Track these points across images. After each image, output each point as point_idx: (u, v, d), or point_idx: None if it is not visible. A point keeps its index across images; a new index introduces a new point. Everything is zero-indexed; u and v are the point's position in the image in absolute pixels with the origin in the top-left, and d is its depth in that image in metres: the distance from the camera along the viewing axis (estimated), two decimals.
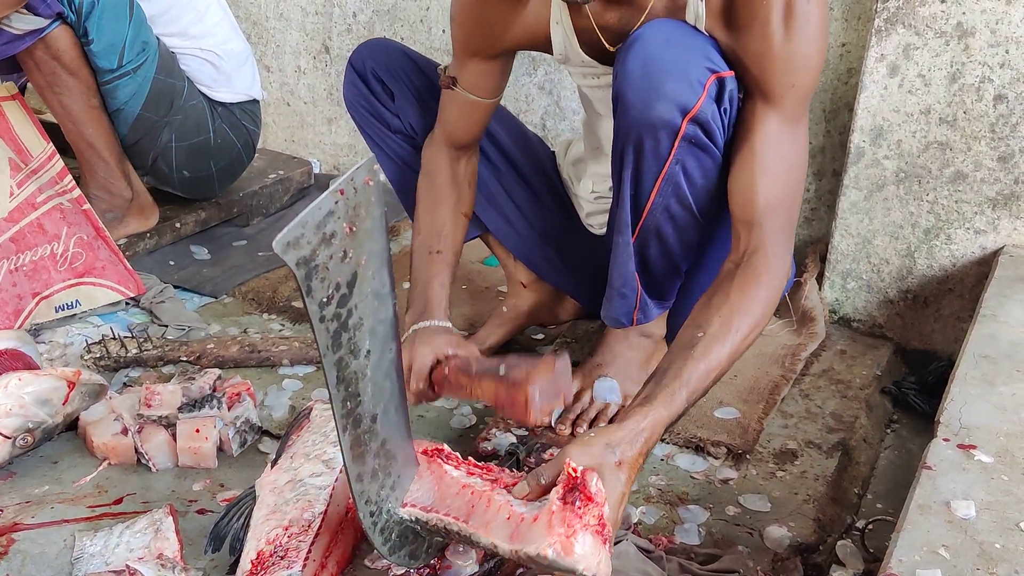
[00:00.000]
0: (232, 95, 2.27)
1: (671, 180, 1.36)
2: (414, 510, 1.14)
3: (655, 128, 1.31)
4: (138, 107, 2.10)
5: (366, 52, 1.69)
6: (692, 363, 1.20)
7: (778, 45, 1.26)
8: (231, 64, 2.24)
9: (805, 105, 1.33)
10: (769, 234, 1.30)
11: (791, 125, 1.31)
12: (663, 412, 1.16)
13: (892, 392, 1.78)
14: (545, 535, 1.01)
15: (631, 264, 1.48)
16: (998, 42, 1.68)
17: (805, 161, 1.37)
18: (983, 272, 1.79)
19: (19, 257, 1.89)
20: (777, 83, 1.28)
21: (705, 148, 1.33)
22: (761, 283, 1.28)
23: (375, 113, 1.70)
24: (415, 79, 1.68)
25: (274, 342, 1.83)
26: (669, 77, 1.27)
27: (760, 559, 1.31)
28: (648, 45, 1.28)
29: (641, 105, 1.29)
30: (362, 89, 1.69)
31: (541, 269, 1.82)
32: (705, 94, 1.28)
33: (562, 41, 1.45)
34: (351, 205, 0.94)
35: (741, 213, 1.33)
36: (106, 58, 2.01)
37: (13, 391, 1.47)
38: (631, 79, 1.29)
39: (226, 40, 2.23)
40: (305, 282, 0.91)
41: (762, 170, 1.31)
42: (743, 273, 1.29)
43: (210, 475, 1.49)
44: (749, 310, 1.26)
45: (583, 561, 1.00)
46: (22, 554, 1.30)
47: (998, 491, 1.13)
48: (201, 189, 2.35)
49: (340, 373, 0.98)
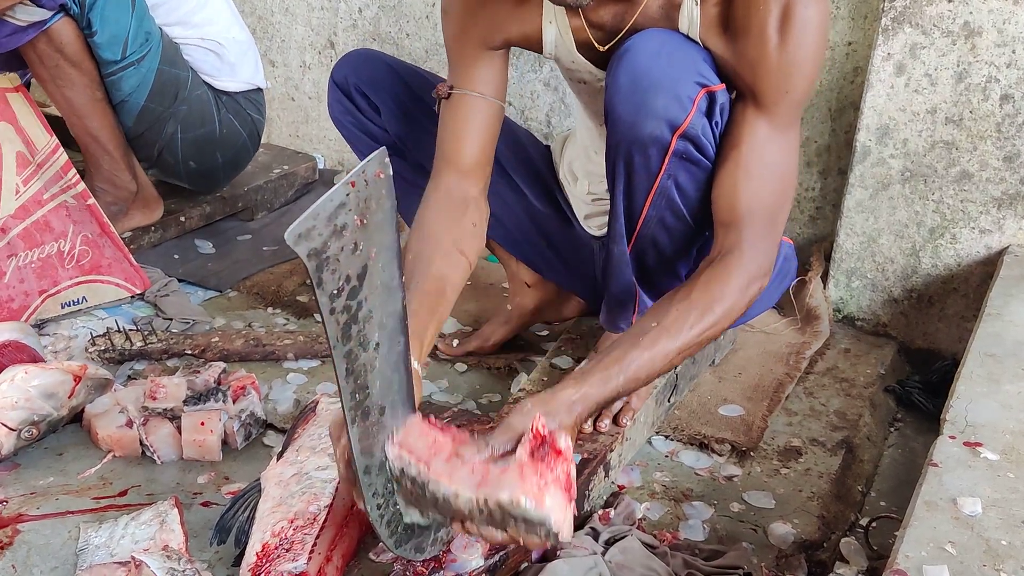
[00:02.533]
0: (236, 84, 2.25)
1: (664, 193, 1.36)
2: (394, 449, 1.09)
3: (645, 144, 1.30)
4: (142, 98, 2.09)
5: (347, 67, 1.65)
6: (637, 351, 1.21)
7: (773, 52, 1.25)
8: (234, 53, 2.22)
9: (798, 112, 1.32)
10: (747, 236, 1.29)
11: (781, 131, 1.30)
12: (595, 391, 1.18)
13: (896, 391, 1.78)
14: (518, 484, 1.01)
15: (628, 273, 1.48)
16: (1005, 42, 1.68)
17: (794, 167, 1.35)
18: (988, 272, 1.79)
19: (27, 254, 1.89)
20: (771, 90, 1.27)
21: (696, 162, 1.33)
22: (728, 283, 1.27)
23: (363, 129, 1.68)
24: (399, 90, 1.63)
25: (279, 336, 1.84)
26: (658, 93, 1.26)
27: (764, 556, 1.31)
28: (638, 58, 1.27)
29: (631, 121, 1.29)
30: (347, 105, 1.66)
31: (543, 270, 1.81)
32: (695, 110, 1.27)
33: (554, 40, 1.43)
34: (362, 197, 0.94)
35: (722, 215, 1.32)
36: (109, 49, 2.00)
37: (20, 384, 1.47)
38: (621, 93, 1.28)
39: (227, 28, 2.21)
40: (316, 274, 0.90)
41: (747, 175, 1.30)
42: (711, 271, 1.28)
43: (214, 468, 1.49)
44: (708, 308, 1.25)
45: (553, 514, 1.01)
46: (27, 545, 1.30)
47: (1004, 488, 1.13)
48: (207, 181, 2.34)
49: (349, 365, 0.98)
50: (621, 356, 1.21)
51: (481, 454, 1.07)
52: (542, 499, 1.01)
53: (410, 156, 1.66)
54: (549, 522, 1.01)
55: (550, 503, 1.01)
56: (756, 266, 1.30)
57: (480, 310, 1.99)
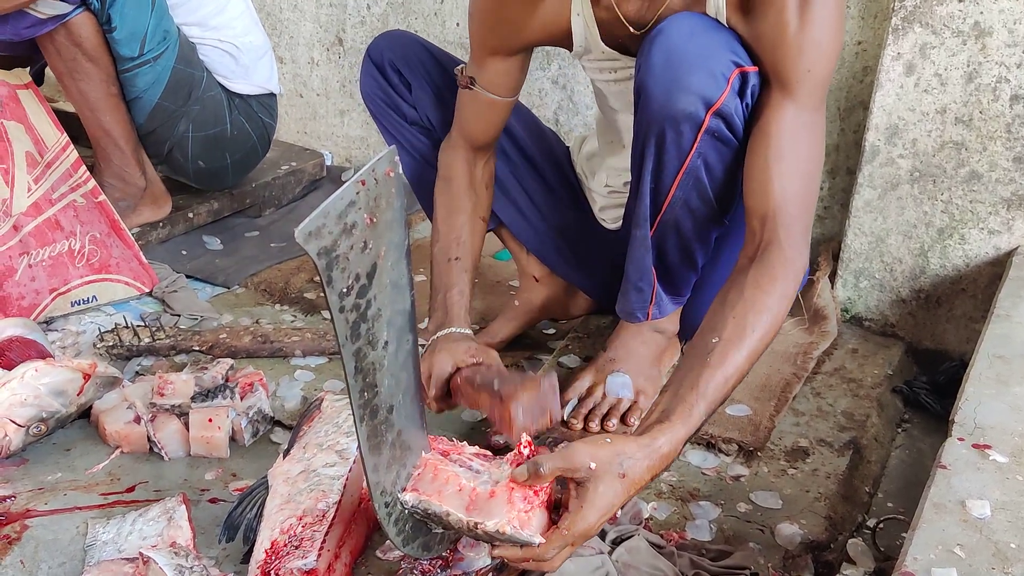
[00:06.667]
0: (250, 87, 2.26)
1: (692, 174, 1.36)
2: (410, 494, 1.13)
3: (678, 121, 1.30)
4: (156, 96, 2.10)
5: (384, 43, 1.68)
6: (709, 371, 1.16)
7: (793, 31, 1.25)
8: (250, 56, 2.23)
9: (822, 93, 1.31)
10: (784, 226, 1.26)
11: (808, 114, 1.29)
12: (681, 430, 1.12)
13: (903, 391, 1.78)
14: (504, 510, 1.06)
15: (648, 258, 1.47)
16: (1015, 42, 1.67)
17: (822, 151, 1.35)
18: (996, 272, 1.79)
19: (38, 252, 1.90)
20: (792, 68, 1.27)
21: (727, 142, 1.32)
22: (776, 277, 1.24)
23: (392, 104, 1.70)
24: (432, 71, 1.67)
25: (286, 333, 1.84)
26: (693, 70, 1.26)
27: (771, 556, 1.31)
28: (672, 38, 1.27)
29: (664, 98, 1.29)
30: (380, 80, 1.69)
31: (554, 263, 1.81)
32: (729, 88, 1.27)
33: (582, 32, 1.45)
34: (372, 196, 0.94)
35: (756, 204, 1.29)
36: (128, 46, 2.01)
37: (29, 381, 1.48)
38: (654, 71, 1.28)
39: (246, 32, 2.23)
40: (326, 272, 0.91)
41: (778, 160, 1.28)
42: (757, 268, 1.25)
43: (222, 464, 1.49)
44: (764, 307, 1.21)
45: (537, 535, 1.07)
46: (35, 540, 1.30)
47: (1013, 491, 1.13)
48: (215, 180, 2.35)
49: (358, 363, 0.99)
50: (695, 382, 1.15)
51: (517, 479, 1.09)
52: (527, 522, 1.07)
53: (436, 135, 1.69)
54: (535, 541, 1.07)
55: (535, 525, 1.07)
56: (797, 254, 1.27)
57: (487, 308, 1.99)
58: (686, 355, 1.23)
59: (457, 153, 1.61)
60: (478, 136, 1.60)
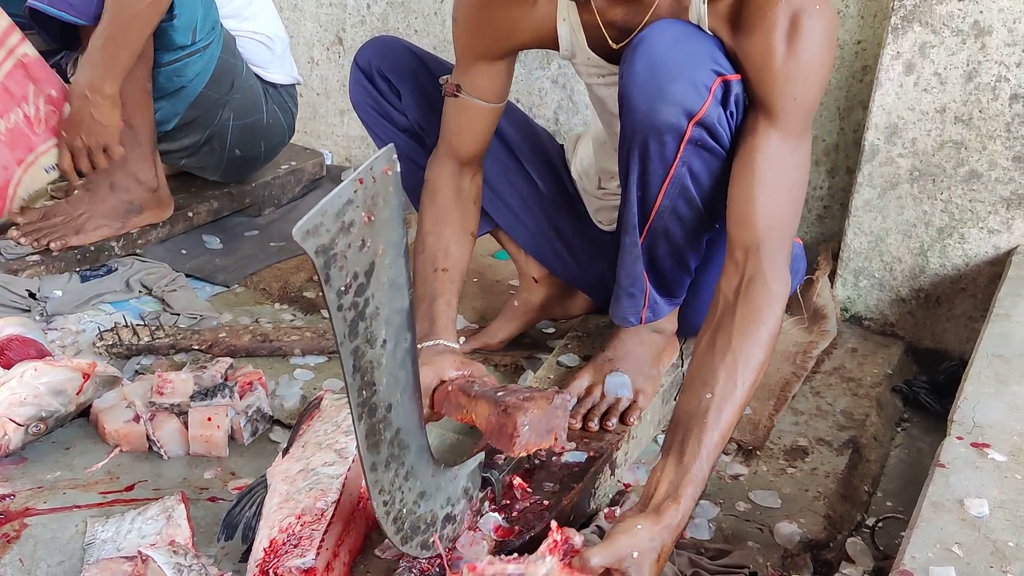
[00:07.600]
0: (283, 77, 2.32)
1: (678, 182, 1.36)
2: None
3: (660, 131, 1.30)
4: (201, 85, 2.11)
5: (371, 51, 1.67)
6: (708, 434, 1.18)
7: (780, 57, 1.25)
8: (281, 46, 2.29)
9: (807, 121, 1.31)
10: (767, 258, 1.27)
11: (792, 141, 1.29)
12: (690, 501, 1.16)
13: (903, 391, 1.78)
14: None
15: (639, 264, 1.47)
16: (1015, 41, 1.67)
17: (806, 176, 1.34)
18: (996, 272, 1.79)
19: None
20: (778, 96, 1.26)
21: (712, 151, 1.32)
22: (763, 319, 1.24)
23: (383, 113, 1.69)
24: (421, 77, 1.66)
25: (286, 332, 1.84)
26: (674, 80, 1.26)
27: (770, 555, 1.31)
28: (654, 47, 1.27)
29: (646, 108, 1.28)
30: (369, 89, 1.68)
31: (551, 264, 1.81)
32: (711, 98, 1.27)
33: (568, 38, 1.44)
34: (370, 194, 0.94)
35: (738, 235, 1.29)
36: (183, 34, 2.02)
37: (29, 381, 1.48)
38: (636, 81, 1.28)
39: (270, 23, 2.28)
40: (324, 270, 0.91)
41: (762, 190, 1.28)
42: (744, 309, 1.25)
43: (221, 463, 1.49)
44: (752, 353, 1.22)
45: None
46: (34, 539, 1.30)
47: (1012, 490, 1.13)
48: (243, 171, 2.39)
49: (356, 362, 0.99)
50: (697, 448, 1.17)
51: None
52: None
53: (428, 141, 1.68)
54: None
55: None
56: (781, 285, 1.28)
57: (487, 307, 1.99)
58: (681, 410, 1.23)
59: (444, 167, 1.58)
60: (465, 148, 1.57)
